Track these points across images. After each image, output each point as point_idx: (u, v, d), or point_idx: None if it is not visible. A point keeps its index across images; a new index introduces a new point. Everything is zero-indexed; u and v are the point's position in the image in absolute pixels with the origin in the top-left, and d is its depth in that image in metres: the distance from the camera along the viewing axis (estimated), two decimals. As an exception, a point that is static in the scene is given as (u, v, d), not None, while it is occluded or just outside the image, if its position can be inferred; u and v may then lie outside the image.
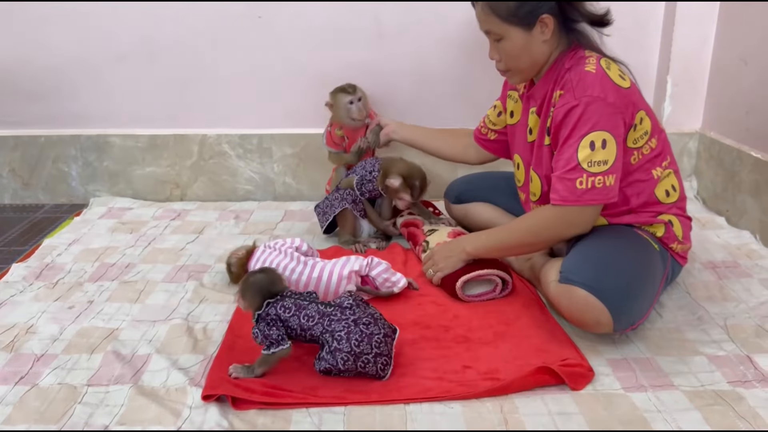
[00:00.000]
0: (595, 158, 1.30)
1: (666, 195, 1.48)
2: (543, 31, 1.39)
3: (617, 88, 1.33)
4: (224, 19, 2.23)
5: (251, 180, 2.42)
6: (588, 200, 1.33)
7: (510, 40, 1.40)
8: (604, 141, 1.30)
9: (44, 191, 2.45)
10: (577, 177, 1.31)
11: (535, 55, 1.42)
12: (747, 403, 1.19)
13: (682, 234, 1.51)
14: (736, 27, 2.07)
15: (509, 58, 1.44)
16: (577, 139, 1.31)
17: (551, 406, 1.19)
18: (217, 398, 1.21)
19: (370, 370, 1.25)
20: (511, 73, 1.49)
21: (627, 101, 1.34)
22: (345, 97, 2.06)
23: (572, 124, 1.32)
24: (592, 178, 1.31)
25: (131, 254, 1.90)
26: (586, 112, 1.30)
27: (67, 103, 2.36)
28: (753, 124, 1.99)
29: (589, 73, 1.33)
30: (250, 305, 1.31)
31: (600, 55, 1.39)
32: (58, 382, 1.28)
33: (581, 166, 1.31)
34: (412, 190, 1.86)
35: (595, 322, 1.30)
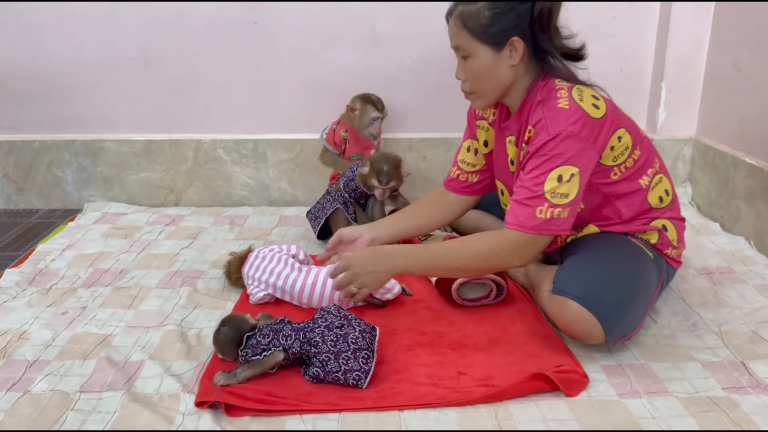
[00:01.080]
0: (559, 190, 1.29)
1: (659, 201, 1.48)
2: (512, 54, 1.36)
3: (590, 120, 1.31)
4: (220, 25, 2.24)
5: (246, 185, 2.41)
6: (543, 230, 1.31)
7: (477, 58, 1.38)
8: (572, 175, 1.29)
9: (38, 196, 2.44)
10: (539, 205, 1.30)
11: (500, 78, 1.39)
12: (741, 409, 1.18)
13: (677, 237, 1.51)
14: (730, 34, 2.08)
15: (474, 79, 1.41)
16: (546, 170, 1.30)
17: (546, 412, 1.19)
18: (210, 405, 1.20)
19: (354, 365, 1.25)
20: (474, 96, 1.46)
21: (600, 131, 1.32)
22: (374, 112, 2.11)
23: (543, 157, 1.31)
24: (552, 209, 1.30)
25: (125, 260, 1.89)
26: (559, 147, 1.29)
27: (62, 108, 2.36)
28: (747, 130, 1.99)
29: (562, 109, 1.31)
30: (229, 355, 1.33)
31: (571, 85, 1.36)
32: (50, 389, 1.27)
33: (545, 195, 1.30)
34: (378, 175, 1.86)
35: (587, 334, 1.31)
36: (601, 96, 1.37)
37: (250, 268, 1.62)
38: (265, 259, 1.63)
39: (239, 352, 1.30)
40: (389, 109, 2.21)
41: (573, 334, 1.34)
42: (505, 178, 1.58)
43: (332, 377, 1.26)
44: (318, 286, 1.55)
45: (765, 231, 1.86)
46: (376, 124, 2.10)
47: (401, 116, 2.31)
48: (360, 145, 2.16)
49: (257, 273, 1.60)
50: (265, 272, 1.59)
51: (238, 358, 1.31)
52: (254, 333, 1.33)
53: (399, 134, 2.35)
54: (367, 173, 1.87)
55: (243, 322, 1.36)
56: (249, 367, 1.27)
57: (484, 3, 1.34)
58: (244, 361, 1.29)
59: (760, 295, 1.61)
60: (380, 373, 1.30)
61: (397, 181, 1.90)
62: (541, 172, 1.31)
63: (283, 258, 1.63)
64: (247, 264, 1.65)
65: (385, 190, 1.90)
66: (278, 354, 1.28)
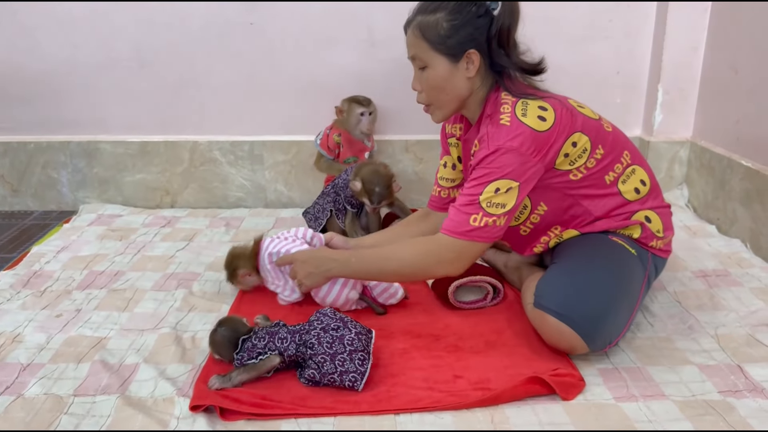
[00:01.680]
0: (495, 200, 1.31)
1: (636, 192, 1.45)
2: (468, 66, 1.37)
3: (532, 134, 1.30)
4: (216, 26, 2.23)
5: (242, 187, 2.41)
6: (475, 237, 1.32)
7: (434, 69, 1.39)
8: (509, 189, 1.30)
9: (33, 198, 2.43)
10: (473, 213, 1.31)
11: (456, 89, 1.40)
12: (738, 413, 1.18)
13: (662, 226, 1.48)
14: (727, 36, 2.08)
15: (431, 89, 1.42)
16: (485, 181, 1.31)
17: (542, 416, 1.19)
18: (205, 409, 1.20)
19: (350, 366, 1.25)
20: (432, 108, 1.47)
21: (545, 143, 1.32)
22: (358, 108, 2.10)
23: (484, 169, 1.31)
24: (486, 218, 1.31)
25: (120, 262, 1.88)
26: (498, 161, 1.30)
27: (57, 109, 2.35)
28: (743, 132, 1.99)
29: (503, 126, 1.31)
30: (225, 357, 1.33)
31: (516, 99, 1.34)
32: (44, 392, 1.26)
33: (481, 204, 1.31)
34: (370, 196, 1.85)
35: (569, 347, 1.31)
36: (550, 106, 1.34)
37: (265, 251, 1.59)
38: (280, 242, 1.59)
39: (234, 355, 1.30)
40: (386, 111, 2.21)
41: (556, 347, 1.34)
42: None
43: (328, 379, 1.25)
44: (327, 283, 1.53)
45: (761, 233, 1.86)
46: (364, 120, 2.09)
47: (397, 118, 2.31)
48: (354, 148, 2.16)
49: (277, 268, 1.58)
50: (280, 253, 1.56)
51: (234, 361, 1.30)
52: (250, 336, 1.32)
53: (395, 136, 2.35)
54: (359, 190, 1.85)
55: (240, 324, 1.36)
56: (244, 371, 1.27)
57: (442, 14, 1.35)
58: (240, 364, 1.29)
59: (757, 297, 1.61)
60: (376, 377, 1.29)
61: (388, 199, 1.89)
62: (479, 183, 1.32)
63: (297, 241, 1.60)
64: (261, 249, 1.61)
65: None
66: (274, 358, 1.28)
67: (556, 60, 1.49)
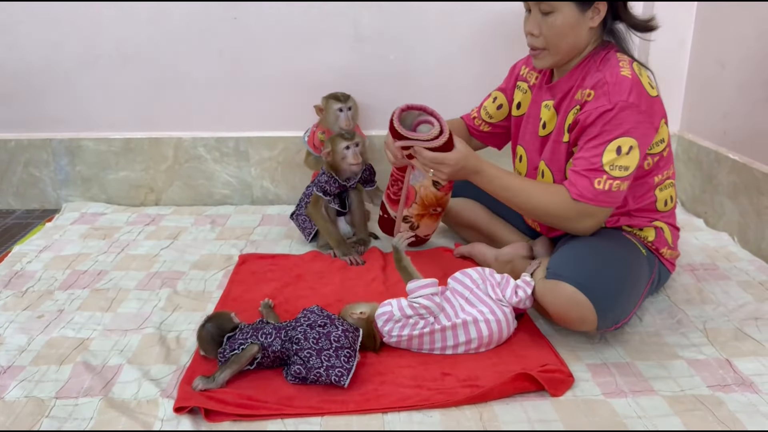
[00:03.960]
0: (618, 162, 1.31)
1: (664, 204, 1.49)
2: (593, 17, 1.37)
3: (648, 96, 1.33)
4: (199, 21, 2.20)
5: (228, 184, 2.38)
6: (602, 201, 1.33)
7: (562, 14, 1.36)
8: (631, 148, 1.31)
9: (15, 196, 2.39)
10: (597, 177, 1.32)
11: (579, 38, 1.39)
12: (726, 407, 1.18)
13: (672, 241, 1.52)
14: (713, 30, 2.08)
15: (554, 35, 1.39)
16: (605, 141, 1.31)
17: (531, 413, 1.18)
18: (189, 410, 1.18)
19: (336, 362, 1.24)
20: (546, 53, 1.43)
21: (656, 109, 1.35)
22: (335, 104, 2.07)
23: (603, 127, 1.31)
24: (611, 181, 1.31)
25: (103, 261, 1.85)
26: (618, 117, 1.30)
27: (38, 107, 2.31)
28: (730, 126, 1.99)
29: (625, 78, 1.33)
30: (210, 354, 1.32)
31: (632, 60, 1.38)
32: (25, 395, 1.24)
33: (604, 168, 1.31)
34: (342, 136, 1.83)
35: (580, 319, 1.30)
36: (653, 82, 1.39)
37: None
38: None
39: (219, 351, 1.28)
40: (372, 107, 2.19)
41: (565, 320, 1.33)
42: (530, 142, 1.57)
43: (314, 374, 1.24)
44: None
45: (748, 227, 1.86)
46: (342, 116, 2.06)
47: (384, 113, 2.28)
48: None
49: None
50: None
51: (218, 357, 1.29)
52: (234, 333, 1.31)
53: (382, 131, 2.32)
54: (330, 148, 1.82)
55: (226, 320, 1.34)
56: (227, 367, 1.25)
57: None
58: (223, 359, 1.27)
59: (744, 291, 1.61)
60: (363, 375, 1.28)
61: (360, 138, 1.85)
62: (599, 143, 1.31)
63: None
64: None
65: (355, 150, 1.82)
66: (252, 347, 1.27)
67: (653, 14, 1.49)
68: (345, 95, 2.09)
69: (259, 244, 1.98)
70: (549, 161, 1.49)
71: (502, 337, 1.37)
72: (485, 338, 1.34)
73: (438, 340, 1.35)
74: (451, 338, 1.34)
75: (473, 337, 1.34)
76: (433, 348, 1.36)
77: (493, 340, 1.36)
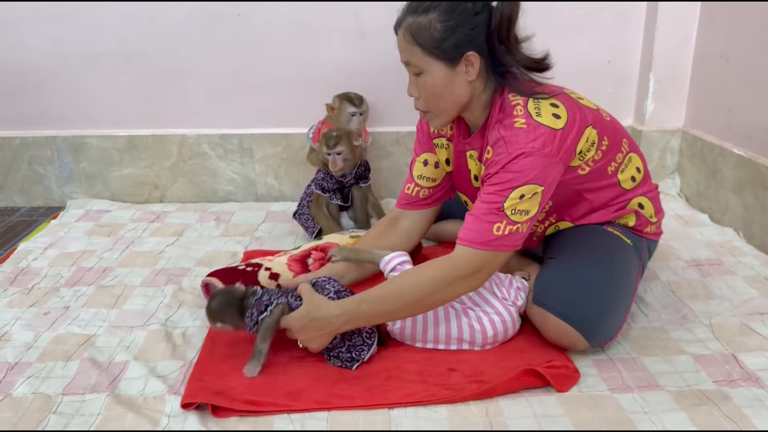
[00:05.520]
0: (520, 207, 1.21)
1: (632, 180, 1.43)
2: (468, 70, 1.27)
3: (552, 133, 1.23)
4: (202, 17, 2.20)
5: (232, 181, 2.38)
6: (497, 246, 1.23)
7: (431, 75, 1.27)
8: (534, 194, 1.22)
9: (20, 194, 2.40)
10: (497, 222, 1.22)
11: (456, 95, 1.30)
12: (733, 402, 1.18)
13: (654, 210, 1.47)
14: (718, 24, 2.07)
15: (429, 97, 1.31)
16: (508, 188, 1.22)
17: (536, 408, 1.18)
18: (196, 406, 1.18)
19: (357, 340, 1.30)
20: (431, 115, 1.36)
21: (564, 141, 1.25)
22: (350, 107, 2.07)
23: (506, 177, 1.22)
24: (510, 226, 1.22)
25: (109, 258, 1.86)
26: (521, 166, 1.21)
27: (43, 104, 2.31)
28: (735, 121, 1.99)
29: (520, 129, 1.23)
30: (229, 321, 1.31)
31: (526, 99, 1.27)
32: (32, 392, 1.24)
33: (505, 212, 1.21)
34: (327, 140, 1.83)
35: (570, 344, 1.30)
36: (561, 103, 1.28)
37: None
38: None
39: (246, 315, 1.29)
40: (376, 103, 2.19)
41: (556, 344, 1.33)
42: (468, 191, 1.52)
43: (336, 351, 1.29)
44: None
45: (753, 222, 1.86)
46: (355, 120, 2.06)
47: (388, 110, 2.29)
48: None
49: None
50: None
51: (244, 320, 1.29)
52: (252, 295, 1.31)
53: (386, 128, 2.33)
54: (318, 149, 1.83)
55: (233, 288, 1.34)
56: (263, 331, 1.27)
57: (435, 15, 1.23)
58: (252, 323, 1.28)
59: (750, 286, 1.61)
60: (370, 370, 1.28)
61: (346, 147, 1.83)
62: (502, 189, 1.22)
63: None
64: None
65: (335, 157, 1.82)
66: (280, 306, 1.28)
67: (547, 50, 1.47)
68: (359, 98, 2.09)
69: (263, 241, 1.98)
70: None
71: (507, 336, 1.37)
72: (490, 338, 1.34)
73: (442, 331, 1.34)
74: (455, 329, 1.34)
75: (477, 334, 1.34)
76: (438, 338, 1.35)
77: (498, 339, 1.36)
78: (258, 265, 1.56)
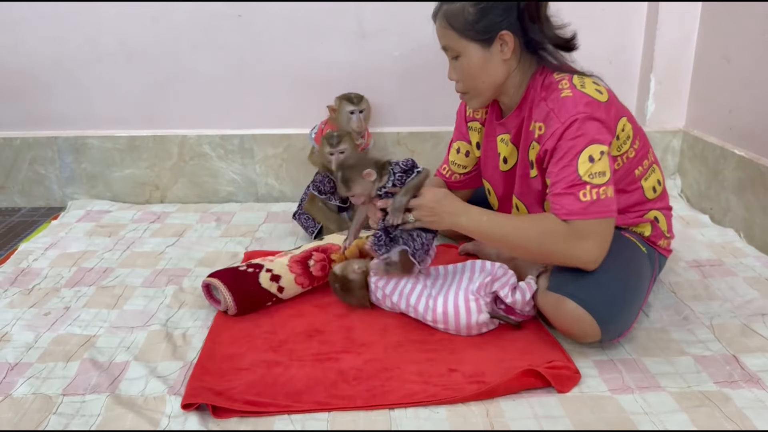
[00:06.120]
0: (595, 170, 1.26)
1: (653, 191, 1.47)
2: (502, 49, 1.34)
3: (596, 102, 1.29)
4: (203, 18, 2.20)
5: (233, 181, 2.38)
6: (594, 213, 1.25)
7: (467, 56, 1.36)
8: (601, 152, 1.26)
9: (20, 194, 2.40)
10: (580, 189, 1.26)
11: (493, 75, 1.37)
12: (734, 403, 1.18)
13: (667, 227, 1.50)
14: (719, 25, 2.07)
15: (467, 78, 1.39)
16: (574, 156, 1.26)
17: (537, 409, 1.18)
18: (197, 407, 1.18)
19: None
20: (469, 96, 1.44)
21: (609, 114, 1.31)
22: (348, 106, 2.06)
23: (566, 145, 1.27)
24: (596, 190, 1.25)
25: (109, 258, 1.86)
26: (577, 131, 1.26)
27: (44, 105, 2.31)
28: (736, 121, 1.99)
29: (567, 97, 1.29)
30: (372, 174, 1.39)
31: (570, 75, 1.34)
32: (32, 392, 1.24)
33: (582, 179, 1.25)
34: (329, 140, 1.83)
35: (582, 333, 1.30)
36: (600, 82, 1.36)
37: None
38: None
39: (390, 175, 1.38)
40: (377, 104, 2.19)
41: (568, 333, 1.33)
42: (494, 178, 1.56)
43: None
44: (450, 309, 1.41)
45: (754, 223, 1.86)
46: (354, 118, 2.06)
47: (389, 110, 2.29)
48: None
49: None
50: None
51: (389, 176, 1.38)
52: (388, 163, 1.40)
53: (386, 128, 2.33)
54: (319, 149, 1.83)
55: (365, 155, 1.51)
56: (409, 188, 1.37)
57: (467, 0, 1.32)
58: (396, 182, 1.38)
59: (751, 287, 1.61)
60: (370, 371, 1.28)
61: (348, 146, 1.85)
62: (570, 159, 1.27)
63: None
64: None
65: (338, 156, 1.83)
66: (426, 170, 1.39)
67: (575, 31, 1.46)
68: (358, 97, 2.08)
69: (264, 241, 1.98)
70: (520, 195, 1.48)
71: (459, 320, 1.38)
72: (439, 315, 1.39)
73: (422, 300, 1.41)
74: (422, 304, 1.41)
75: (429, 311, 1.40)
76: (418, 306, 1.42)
77: (450, 327, 1.39)
78: (259, 266, 1.56)
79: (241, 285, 1.50)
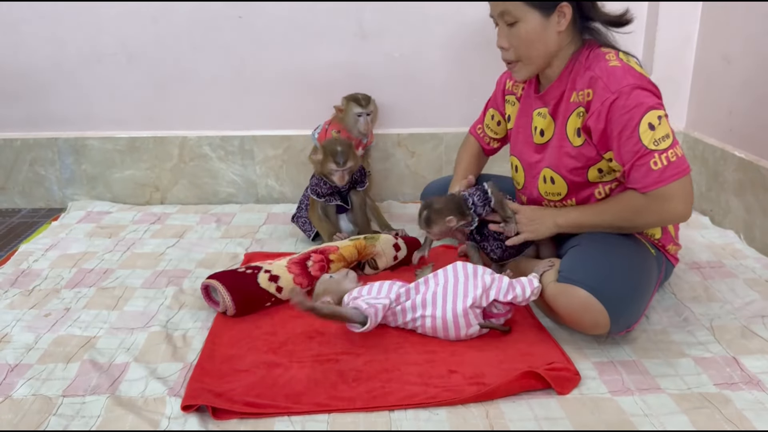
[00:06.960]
0: (657, 135, 1.29)
1: None
2: (560, 20, 1.37)
3: (643, 76, 1.33)
4: (203, 19, 2.20)
5: (233, 182, 2.38)
6: (669, 177, 1.29)
7: (526, 23, 1.36)
8: (659, 117, 1.29)
9: (21, 195, 2.40)
10: (650, 159, 1.29)
11: (548, 44, 1.39)
12: (734, 405, 1.18)
13: (675, 234, 1.52)
14: (719, 27, 2.07)
15: (522, 45, 1.39)
16: (634, 128, 1.29)
17: (537, 410, 1.18)
18: (197, 408, 1.18)
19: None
20: (520, 65, 1.44)
21: (655, 86, 1.35)
22: (356, 108, 2.05)
23: (623, 116, 1.30)
24: (664, 155, 1.28)
25: (109, 259, 1.86)
26: (630, 100, 1.29)
27: (44, 106, 2.32)
28: (736, 123, 1.99)
29: (616, 67, 1.33)
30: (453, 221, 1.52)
31: (617, 51, 1.38)
32: (32, 393, 1.24)
33: (649, 148, 1.28)
34: (335, 157, 1.80)
35: (592, 323, 1.30)
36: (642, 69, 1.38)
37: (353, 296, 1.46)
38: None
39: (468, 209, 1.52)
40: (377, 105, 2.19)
41: (578, 324, 1.33)
42: (524, 152, 1.56)
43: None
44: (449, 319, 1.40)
45: (754, 224, 1.86)
46: (362, 121, 2.06)
47: (389, 111, 2.29)
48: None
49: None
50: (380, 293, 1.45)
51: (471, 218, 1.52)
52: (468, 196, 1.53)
53: (387, 130, 2.33)
54: (321, 159, 1.82)
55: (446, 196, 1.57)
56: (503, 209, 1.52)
57: None
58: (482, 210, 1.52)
59: (751, 289, 1.61)
60: (370, 372, 1.28)
61: (353, 161, 1.84)
62: (631, 131, 1.29)
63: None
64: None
65: (343, 172, 1.82)
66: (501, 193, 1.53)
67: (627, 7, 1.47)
68: (366, 98, 2.07)
69: (264, 243, 1.98)
70: (556, 167, 1.47)
71: (449, 336, 1.39)
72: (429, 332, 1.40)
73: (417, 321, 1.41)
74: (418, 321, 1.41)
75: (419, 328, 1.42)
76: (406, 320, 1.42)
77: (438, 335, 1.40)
78: (257, 268, 1.56)
79: (239, 285, 1.50)
